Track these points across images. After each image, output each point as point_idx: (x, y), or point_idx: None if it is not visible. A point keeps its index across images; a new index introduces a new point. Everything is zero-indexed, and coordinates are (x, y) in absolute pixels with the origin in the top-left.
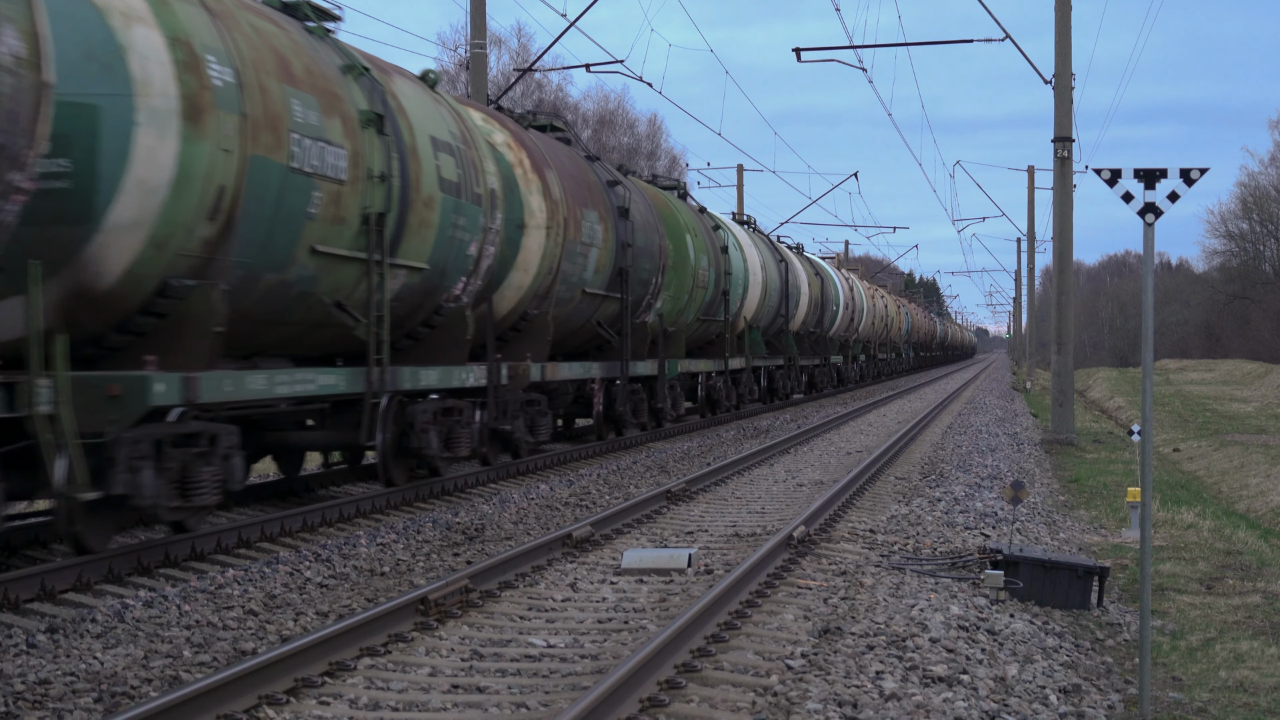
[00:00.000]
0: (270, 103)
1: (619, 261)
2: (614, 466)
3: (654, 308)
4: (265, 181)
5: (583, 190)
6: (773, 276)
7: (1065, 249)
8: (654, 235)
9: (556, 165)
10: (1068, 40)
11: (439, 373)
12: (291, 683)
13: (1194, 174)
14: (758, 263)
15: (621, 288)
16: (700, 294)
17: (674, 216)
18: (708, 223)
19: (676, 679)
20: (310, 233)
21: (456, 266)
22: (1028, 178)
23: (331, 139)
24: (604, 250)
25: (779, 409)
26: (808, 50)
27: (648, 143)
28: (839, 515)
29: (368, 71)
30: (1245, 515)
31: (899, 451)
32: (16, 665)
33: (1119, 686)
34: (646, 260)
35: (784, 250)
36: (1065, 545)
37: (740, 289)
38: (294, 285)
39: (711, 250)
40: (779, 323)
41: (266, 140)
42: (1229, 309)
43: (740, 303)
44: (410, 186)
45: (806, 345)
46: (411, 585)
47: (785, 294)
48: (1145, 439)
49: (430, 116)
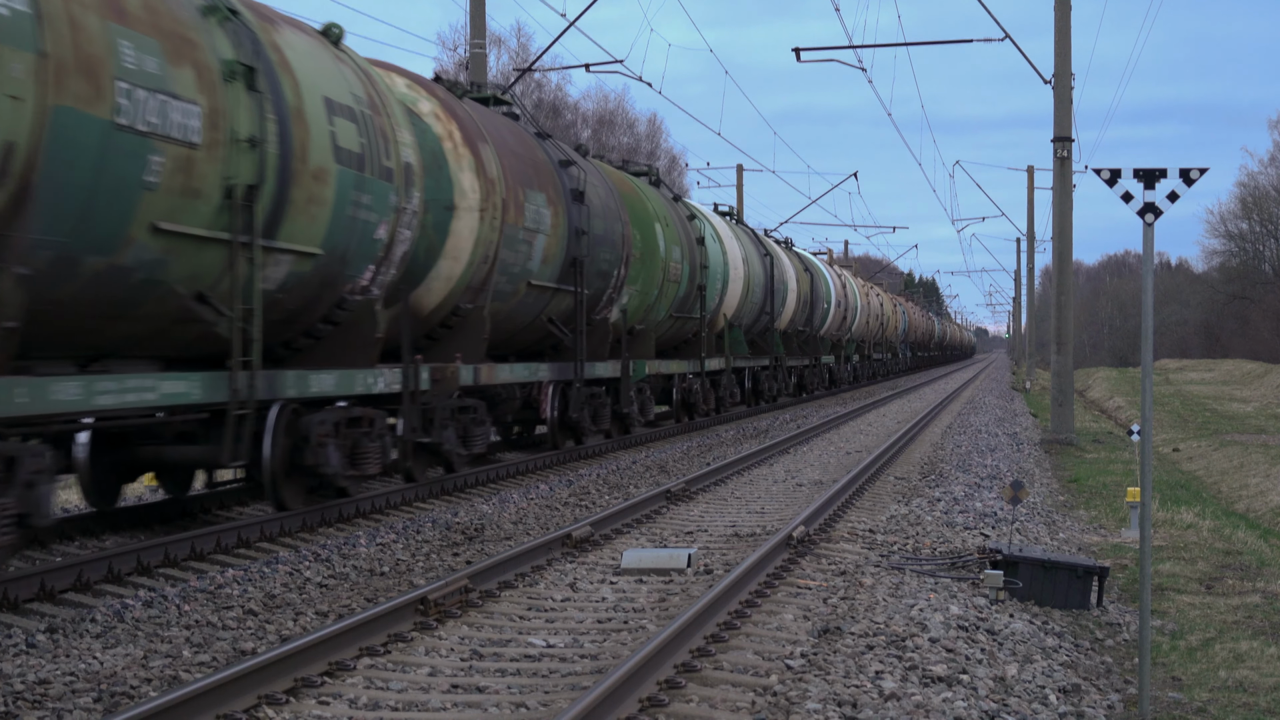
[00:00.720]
0: (85, 42)
1: (572, 250)
2: (614, 466)
3: (617, 303)
4: (78, 140)
5: (527, 169)
6: (756, 271)
7: (1065, 249)
8: (616, 223)
9: (496, 140)
10: (1067, 40)
11: (336, 377)
12: (291, 683)
13: (1193, 174)
14: (739, 256)
15: (576, 280)
16: (672, 289)
17: (642, 204)
18: (682, 212)
19: (676, 679)
20: (151, 207)
21: (361, 252)
22: (1027, 178)
23: (179, 92)
24: (553, 238)
25: (763, 412)
26: (807, 50)
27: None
28: (839, 515)
29: (237, 15)
30: (1245, 515)
31: (899, 451)
32: (16, 665)
33: (1118, 686)
34: (607, 250)
35: (770, 244)
36: (1065, 545)
37: (719, 284)
38: (133, 271)
39: (686, 241)
40: (764, 321)
41: (79, 88)
42: (1228, 309)
43: (719, 299)
44: (293, 155)
45: (795, 345)
46: (411, 585)
47: (770, 290)
48: (1145, 439)
49: (326, 75)
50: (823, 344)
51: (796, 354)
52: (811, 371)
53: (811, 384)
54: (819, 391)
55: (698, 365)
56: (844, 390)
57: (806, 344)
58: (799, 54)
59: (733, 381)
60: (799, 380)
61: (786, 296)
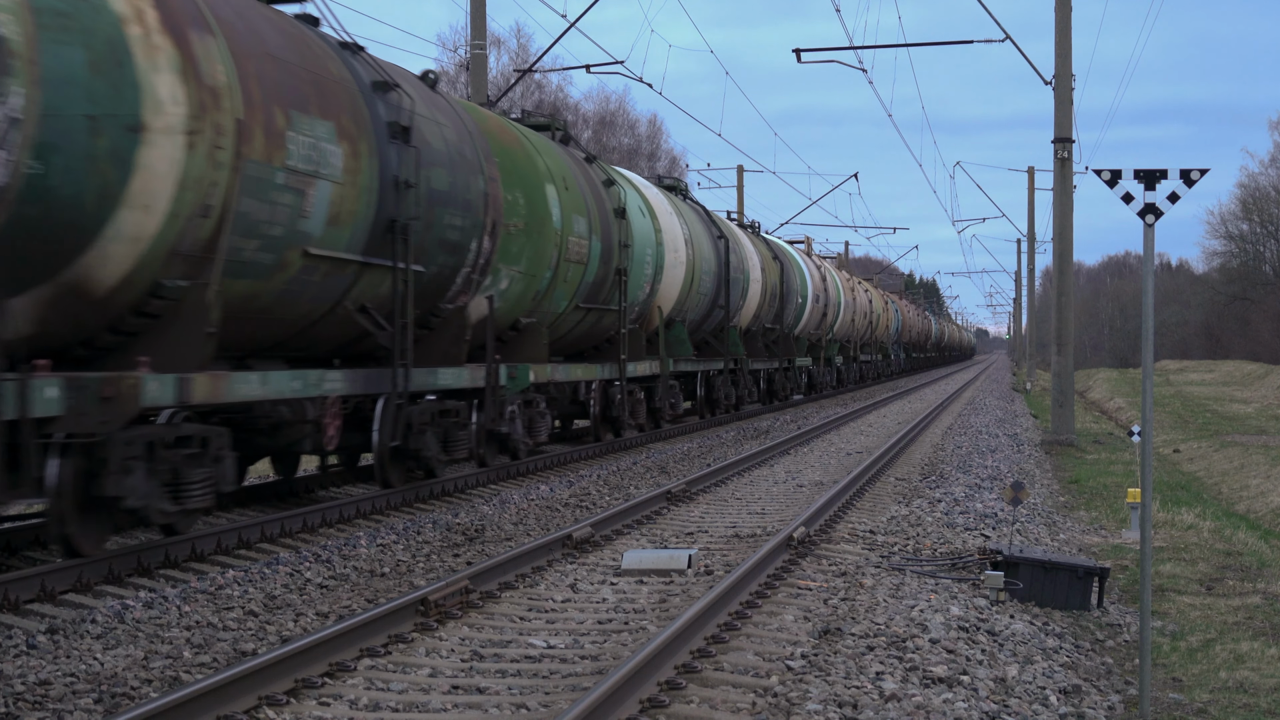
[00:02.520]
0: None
1: (390, 209)
2: (614, 467)
3: (482, 288)
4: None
5: (301, 85)
6: (705, 256)
7: (1065, 250)
8: (474, 177)
9: (238, 33)
10: (1068, 41)
11: None
12: (292, 683)
13: (1194, 175)
14: (679, 236)
15: (394, 252)
16: (576, 272)
17: (527, 158)
18: (596, 176)
19: (676, 680)
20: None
21: None
22: (1028, 178)
23: None
24: (350, 188)
25: (721, 424)
26: (808, 51)
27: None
28: (839, 516)
29: None
30: (1245, 516)
31: (899, 452)
32: (16, 666)
33: (1119, 687)
34: (456, 214)
35: (726, 225)
36: (1065, 546)
37: (649, 268)
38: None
39: (598, 212)
40: (717, 316)
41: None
42: (1229, 310)
43: (650, 287)
44: None
45: (760, 345)
46: (411, 586)
47: (725, 280)
48: (1145, 440)
49: None
50: (798, 344)
51: (763, 356)
52: (783, 376)
53: (784, 389)
54: (796, 397)
55: (615, 369)
56: (825, 396)
57: (777, 345)
58: (799, 55)
59: (674, 389)
60: (768, 385)
61: (748, 288)
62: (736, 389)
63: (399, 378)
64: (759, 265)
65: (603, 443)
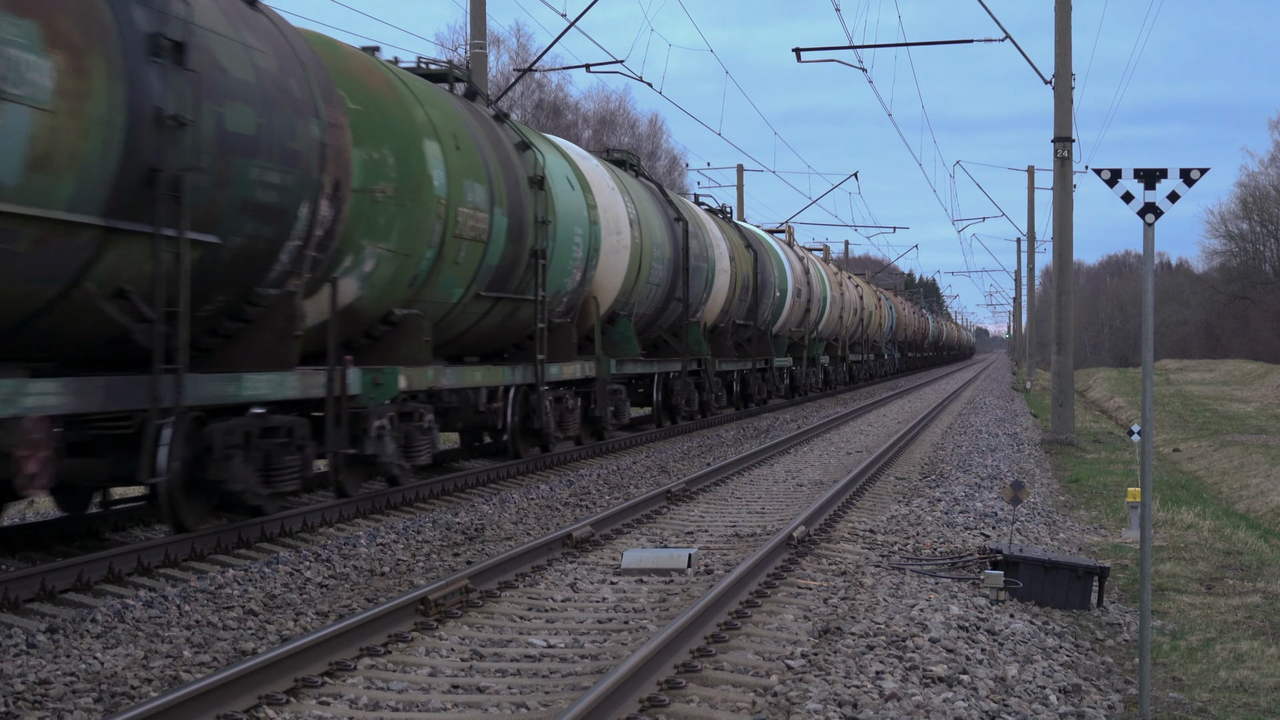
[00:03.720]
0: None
1: (142, 154)
2: (614, 467)
3: (329, 266)
4: None
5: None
6: (656, 241)
7: (1065, 249)
8: (302, 121)
9: None
10: (1068, 41)
11: None
12: (291, 683)
13: (1194, 174)
14: (622, 215)
15: (156, 215)
16: (472, 253)
17: (402, 109)
18: (506, 137)
19: (676, 679)
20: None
21: None
22: (1028, 178)
23: None
24: (70, 119)
25: (683, 433)
26: (808, 50)
27: (648, 143)
28: (839, 515)
29: None
30: (1245, 515)
31: (899, 452)
32: (16, 665)
33: (1119, 686)
34: (271, 168)
35: (688, 207)
36: (1065, 545)
37: (578, 252)
38: None
39: (503, 181)
40: (675, 311)
41: None
42: (1229, 309)
43: (580, 274)
44: None
45: (730, 344)
46: (411, 585)
47: (683, 268)
48: (1145, 439)
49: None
50: (777, 343)
51: (734, 355)
52: (759, 378)
53: (760, 393)
54: (775, 400)
55: (530, 372)
56: (810, 399)
57: (751, 343)
58: (799, 54)
59: (618, 395)
60: (742, 388)
61: (713, 279)
62: (701, 393)
63: (165, 388)
64: (727, 254)
65: (524, 459)
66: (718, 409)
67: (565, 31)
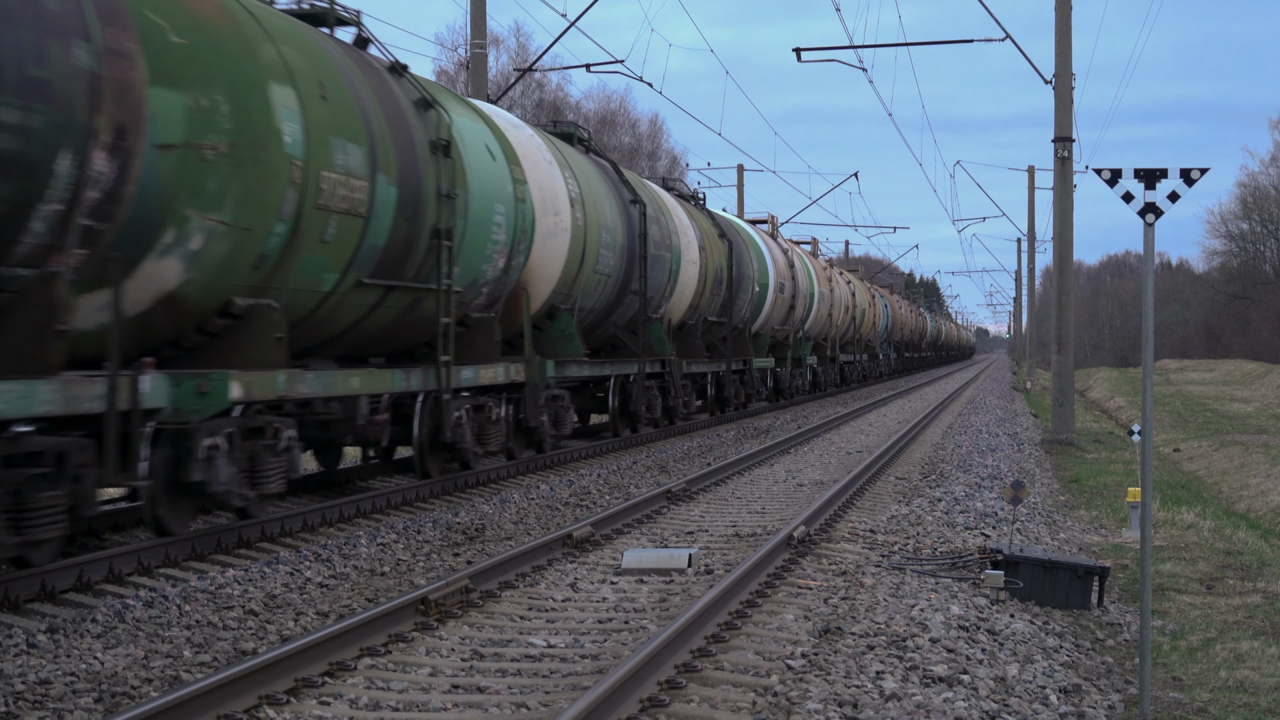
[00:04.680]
0: None
1: None
2: (614, 467)
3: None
4: None
5: None
6: (604, 225)
7: (1065, 249)
8: (59, 47)
9: None
10: (1068, 40)
11: None
12: (292, 683)
13: (1194, 174)
14: (561, 194)
15: None
16: (348, 230)
17: (241, 43)
18: (403, 93)
19: (677, 679)
20: None
21: None
22: (1028, 178)
23: None
24: None
25: (631, 447)
26: (808, 50)
27: (649, 143)
28: (839, 515)
29: None
30: (1245, 515)
31: (899, 451)
32: (17, 665)
33: (1119, 686)
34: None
35: (649, 189)
36: (1065, 545)
37: (500, 234)
38: None
39: (391, 144)
40: (631, 305)
41: None
42: (1229, 309)
43: (503, 259)
44: None
45: (700, 343)
46: (412, 585)
47: (640, 257)
48: (1145, 439)
49: None
50: (757, 342)
51: (704, 356)
52: (737, 380)
53: (738, 397)
54: (758, 404)
55: (432, 378)
56: (796, 403)
57: (726, 342)
58: (799, 54)
59: (557, 401)
60: (717, 391)
61: (678, 270)
62: (666, 398)
63: None
64: (696, 242)
65: (434, 480)
66: (686, 415)
67: (565, 31)
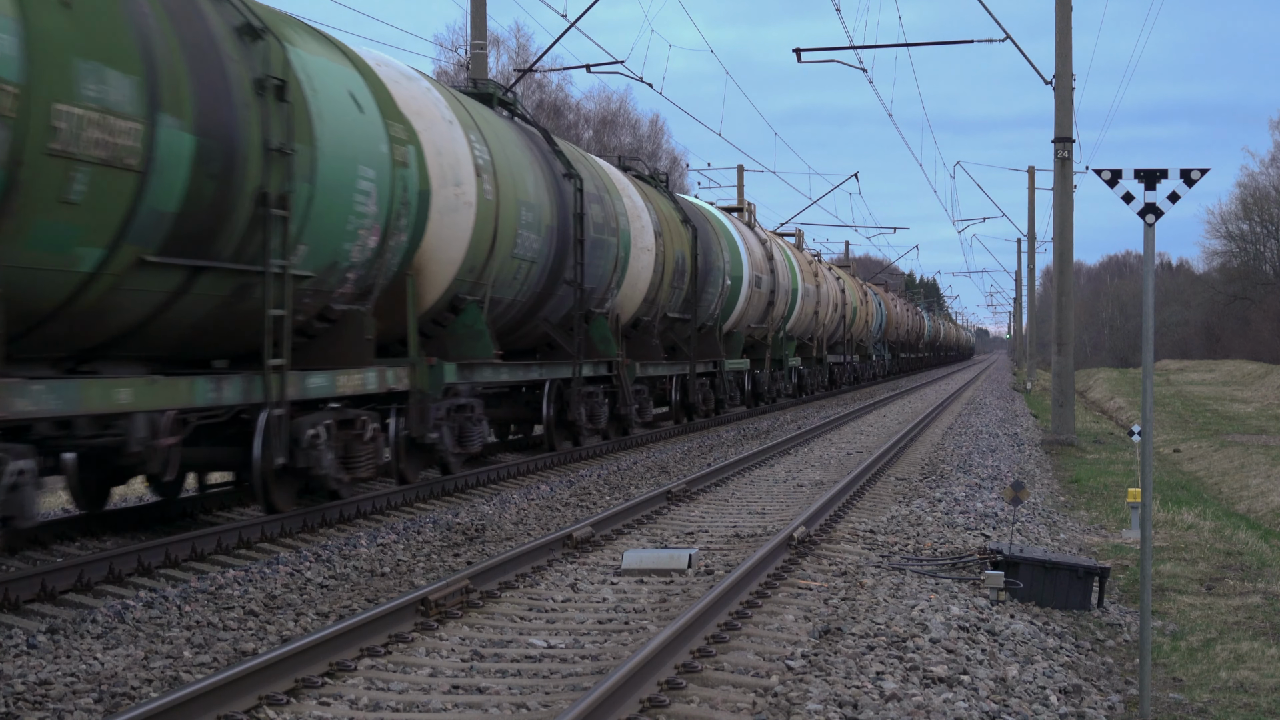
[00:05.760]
0: None
1: None
2: (614, 467)
3: None
4: None
5: None
6: (526, 199)
7: (1066, 249)
8: None
9: None
10: (1068, 41)
11: None
12: (292, 683)
13: (1194, 174)
14: (462, 157)
15: None
16: (117, 188)
17: None
18: (219, 15)
19: (677, 679)
20: None
21: None
22: (1028, 178)
23: None
24: None
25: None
26: (808, 51)
27: (649, 143)
28: (839, 516)
29: None
30: (1246, 516)
31: (899, 452)
32: (17, 666)
33: (1119, 687)
34: None
35: (588, 161)
36: (1065, 546)
37: (368, 204)
38: None
39: (192, 76)
40: (563, 297)
41: None
42: (1229, 310)
43: (375, 238)
44: None
45: (655, 343)
46: (412, 586)
47: (575, 242)
48: (1145, 439)
49: None
50: (730, 342)
51: (661, 357)
52: (704, 384)
53: (706, 402)
54: (735, 409)
55: (259, 386)
56: (780, 408)
57: (690, 342)
58: (799, 55)
59: (463, 413)
60: (682, 396)
61: (627, 258)
62: (613, 405)
63: None
64: (651, 227)
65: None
66: (641, 424)
67: (565, 32)
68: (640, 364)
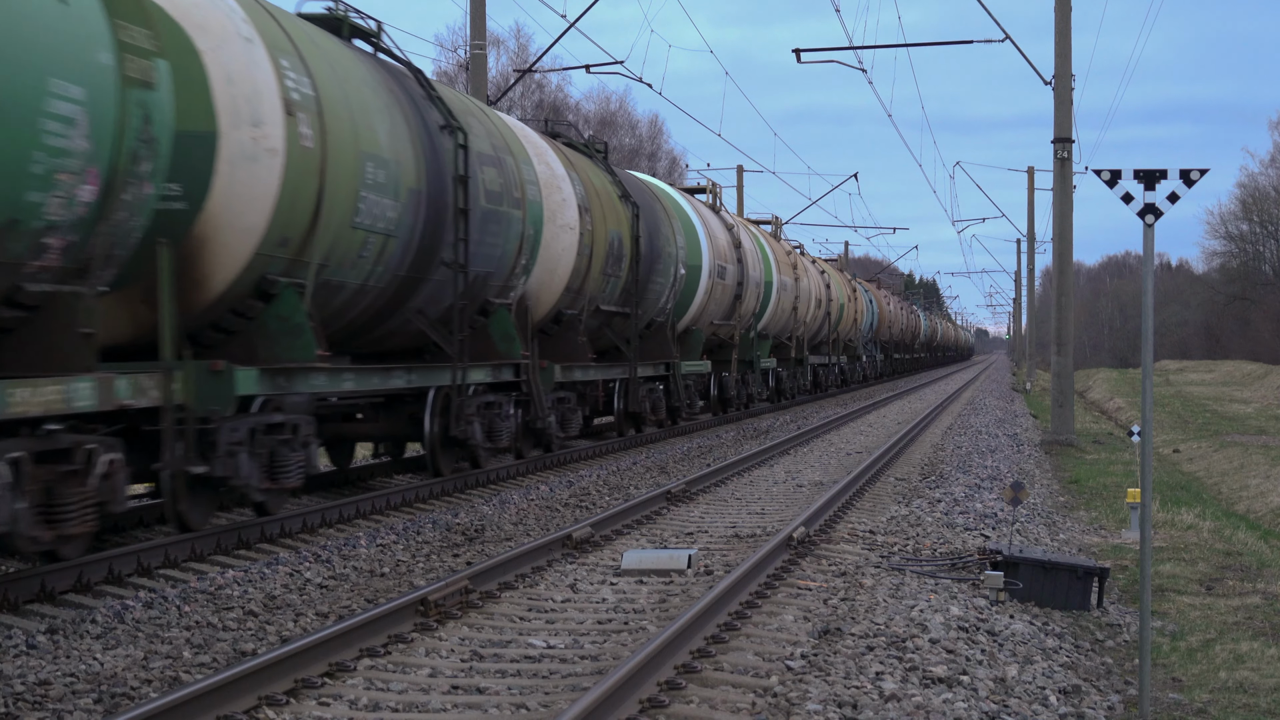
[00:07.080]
0: None
1: None
2: (614, 467)
3: None
4: None
5: None
6: (379, 154)
7: (1065, 250)
8: None
9: None
10: (1068, 41)
11: None
12: (291, 684)
13: (1193, 175)
14: (268, 89)
15: None
16: None
17: None
18: None
19: (676, 680)
20: None
21: None
22: (1028, 178)
23: None
24: None
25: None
26: (808, 51)
27: (649, 143)
28: (839, 516)
29: None
30: (1245, 516)
31: (899, 452)
32: (16, 666)
33: (1119, 687)
34: None
35: (487, 117)
36: (1065, 546)
37: (79, 142)
38: None
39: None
40: (442, 283)
41: None
42: (1229, 310)
43: (96, 190)
44: None
45: (581, 341)
46: (411, 586)
47: (457, 212)
48: (1145, 440)
49: None
50: (688, 341)
51: (588, 358)
52: (655, 388)
53: (655, 412)
54: (698, 418)
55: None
56: (749, 415)
57: (630, 343)
58: (799, 55)
59: (273, 437)
60: (625, 404)
61: (539, 237)
62: (526, 414)
63: None
64: (575, 201)
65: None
66: (564, 439)
67: (565, 32)
68: (563, 367)
